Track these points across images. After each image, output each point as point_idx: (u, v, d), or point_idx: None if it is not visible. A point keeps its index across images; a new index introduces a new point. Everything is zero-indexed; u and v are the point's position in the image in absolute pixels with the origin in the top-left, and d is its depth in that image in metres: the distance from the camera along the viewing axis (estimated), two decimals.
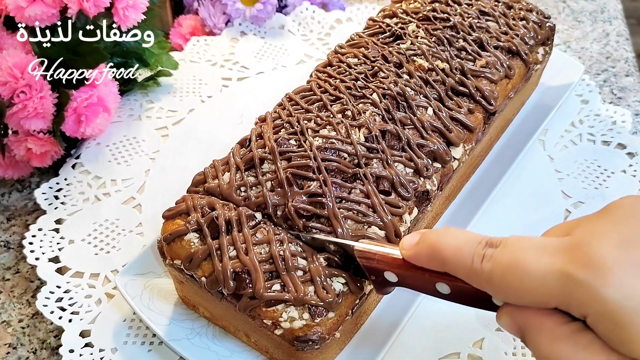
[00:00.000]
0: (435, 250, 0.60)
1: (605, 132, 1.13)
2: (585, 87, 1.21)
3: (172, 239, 0.78)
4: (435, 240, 0.60)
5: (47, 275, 0.93)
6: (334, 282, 0.72)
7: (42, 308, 0.88)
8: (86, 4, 0.97)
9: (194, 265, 0.75)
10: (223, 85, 1.25)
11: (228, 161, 0.84)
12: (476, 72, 0.94)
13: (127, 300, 0.84)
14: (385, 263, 0.67)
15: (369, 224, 0.76)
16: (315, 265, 0.72)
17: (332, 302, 0.71)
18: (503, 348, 0.84)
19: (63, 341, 0.85)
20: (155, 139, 1.14)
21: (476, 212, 0.95)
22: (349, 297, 0.73)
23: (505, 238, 0.56)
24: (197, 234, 0.77)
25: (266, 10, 1.31)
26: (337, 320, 0.72)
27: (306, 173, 0.78)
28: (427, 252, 0.61)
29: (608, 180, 1.05)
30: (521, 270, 0.53)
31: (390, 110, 0.86)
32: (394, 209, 0.78)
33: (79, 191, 1.05)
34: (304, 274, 0.72)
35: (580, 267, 0.49)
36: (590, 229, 0.53)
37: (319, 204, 0.76)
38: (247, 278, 0.71)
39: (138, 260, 0.89)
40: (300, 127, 0.84)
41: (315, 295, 0.71)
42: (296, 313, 0.71)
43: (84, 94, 1.02)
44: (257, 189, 0.79)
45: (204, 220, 0.76)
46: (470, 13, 1.03)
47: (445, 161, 0.85)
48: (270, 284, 0.71)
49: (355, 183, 0.79)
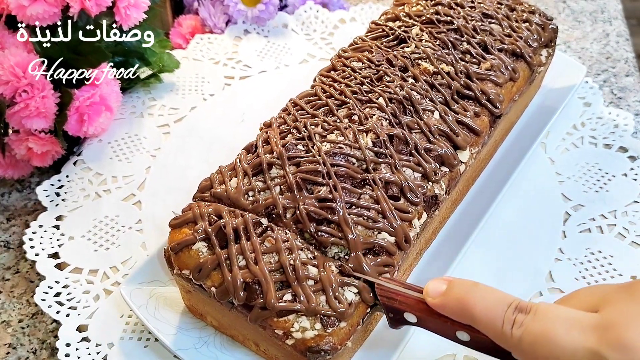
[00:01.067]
0: (464, 306, 0.62)
1: (607, 135, 1.13)
2: (588, 89, 1.21)
3: (180, 249, 0.76)
4: (464, 297, 0.62)
5: (46, 270, 0.93)
6: (346, 292, 0.72)
7: (40, 302, 0.89)
8: (88, 3, 0.97)
9: (203, 276, 0.74)
10: (225, 83, 1.24)
11: (235, 167, 0.83)
12: (481, 75, 0.94)
13: (133, 311, 0.83)
14: (407, 305, 0.68)
15: (379, 229, 0.76)
16: (326, 273, 0.72)
17: (344, 312, 0.70)
18: None
19: (60, 335, 0.86)
20: (157, 137, 1.14)
21: (482, 216, 0.95)
22: (360, 306, 0.73)
23: (536, 305, 0.59)
24: (205, 242, 0.76)
25: (268, 10, 1.30)
26: (349, 330, 0.72)
27: (316, 178, 0.78)
28: (455, 306, 0.63)
29: (609, 183, 1.06)
30: (552, 342, 0.56)
31: (397, 114, 0.86)
32: (403, 214, 0.78)
33: (80, 188, 1.05)
34: (315, 284, 0.71)
35: (611, 349, 0.53)
36: (620, 310, 0.56)
37: (329, 209, 0.75)
38: (258, 289, 0.70)
39: (142, 268, 0.88)
40: (307, 132, 0.84)
41: (327, 305, 0.70)
42: (308, 323, 0.70)
43: (86, 93, 1.01)
44: (266, 193, 0.79)
45: (212, 229, 0.75)
46: (474, 16, 1.03)
47: (453, 165, 0.85)
48: (281, 294, 0.70)
49: (364, 188, 0.79)
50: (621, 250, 0.96)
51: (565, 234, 0.98)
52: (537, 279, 0.92)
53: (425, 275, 0.90)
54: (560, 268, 0.94)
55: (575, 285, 0.91)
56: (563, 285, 0.91)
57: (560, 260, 0.95)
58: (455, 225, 0.97)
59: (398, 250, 0.76)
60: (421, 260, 0.92)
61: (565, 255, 0.95)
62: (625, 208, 1.01)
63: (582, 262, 0.95)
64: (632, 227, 0.99)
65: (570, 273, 0.93)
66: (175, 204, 1.01)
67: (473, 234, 0.92)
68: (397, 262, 0.76)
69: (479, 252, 0.95)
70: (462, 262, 0.91)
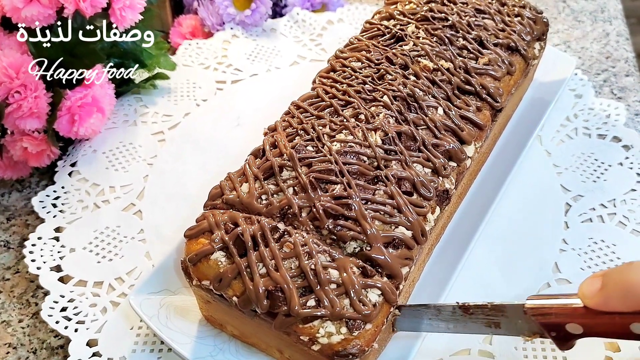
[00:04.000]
0: (629, 289, 0.58)
1: (600, 125, 1.14)
2: (579, 81, 1.22)
3: (198, 260, 0.75)
4: (625, 280, 0.58)
5: (50, 284, 0.91)
6: (369, 293, 0.71)
7: (47, 318, 0.87)
8: (83, 4, 0.96)
9: (224, 286, 0.73)
10: (217, 88, 1.24)
11: (244, 172, 0.82)
12: (480, 70, 0.95)
13: (145, 321, 0.82)
14: (566, 315, 0.64)
15: (396, 224, 0.76)
16: (348, 276, 0.71)
17: (370, 314, 0.69)
18: (513, 343, 0.85)
19: (70, 351, 0.84)
20: (152, 144, 1.13)
21: (487, 210, 0.95)
22: (384, 306, 0.72)
23: None
24: (224, 252, 0.75)
25: (253, 17, 1.30)
26: (374, 331, 0.71)
27: (329, 177, 0.77)
28: (619, 295, 0.59)
29: (606, 173, 1.07)
30: None
31: (402, 111, 0.86)
32: (418, 209, 0.78)
33: (77, 199, 1.04)
34: (337, 287, 0.70)
35: None
36: None
37: (345, 205, 0.75)
38: (281, 296, 0.70)
39: (150, 278, 0.87)
40: (316, 133, 0.84)
41: (352, 308, 0.69)
42: (333, 328, 0.69)
43: (78, 93, 1.01)
44: (279, 195, 0.78)
45: (229, 238, 0.74)
46: (467, 12, 1.04)
47: (460, 159, 0.86)
48: (304, 300, 0.69)
49: (378, 185, 0.79)
50: (623, 238, 0.97)
51: (567, 224, 0.99)
52: (544, 270, 0.93)
53: (436, 271, 0.90)
54: (566, 259, 0.95)
55: (582, 275, 0.92)
56: (570, 276, 0.92)
57: (565, 250, 0.96)
58: (461, 219, 0.97)
59: (416, 244, 0.76)
60: (431, 257, 0.92)
61: (570, 245, 0.96)
62: (624, 196, 1.03)
63: (586, 252, 0.95)
64: (631, 215, 1.00)
65: (576, 263, 0.94)
66: (177, 211, 1.01)
67: (479, 228, 0.93)
68: (415, 256, 0.76)
69: (484, 246, 0.95)
70: (469, 258, 0.91)
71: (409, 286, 0.84)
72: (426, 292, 0.87)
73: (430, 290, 0.87)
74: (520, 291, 0.91)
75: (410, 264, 0.75)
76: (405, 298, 0.85)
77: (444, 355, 0.84)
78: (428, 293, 0.87)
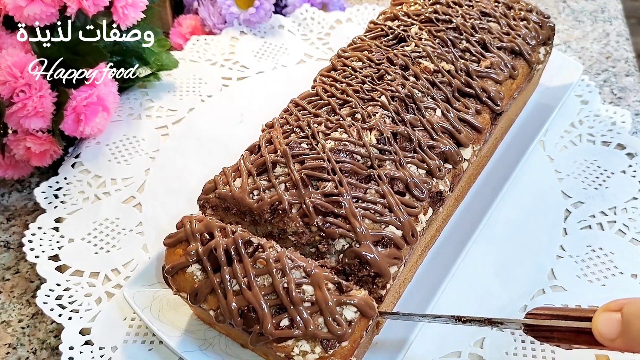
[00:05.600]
0: None
1: (605, 132, 1.13)
2: (585, 87, 1.21)
3: (175, 272, 0.76)
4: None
5: (47, 273, 0.92)
6: (345, 310, 0.70)
7: (42, 305, 0.88)
8: (85, 2, 0.97)
9: (199, 300, 0.73)
10: (223, 84, 1.24)
11: (239, 167, 0.83)
12: (481, 73, 0.95)
13: (137, 313, 0.83)
14: (569, 340, 0.63)
15: (386, 223, 0.76)
16: (321, 293, 0.70)
17: (343, 334, 0.68)
18: (504, 347, 0.85)
19: (63, 338, 0.85)
20: (155, 138, 1.14)
21: (484, 215, 0.95)
22: (361, 321, 0.71)
23: None
24: (199, 265, 0.75)
25: (259, 14, 1.31)
26: (351, 347, 0.70)
27: (321, 174, 0.78)
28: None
29: (608, 180, 1.06)
30: None
31: (399, 112, 0.86)
32: (409, 209, 0.78)
33: (79, 190, 1.04)
34: (311, 305, 0.69)
35: None
36: None
37: (335, 202, 0.75)
38: (254, 316, 0.69)
39: (145, 271, 0.88)
40: (311, 130, 0.84)
41: (326, 327, 0.68)
42: (308, 347, 0.68)
43: (83, 93, 1.01)
44: (271, 191, 0.78)
45: (203, 252, 0.74)
46: (472, 14, 1.03)
47: (456, 162, 0.85)
48: (277, 320, 0.69)
49: (370, 184, 0.79)
50: (622, 247, 0.96)
51: (566, 231, 0.99)
52: (539, 276, 0.93)
53: (430, 273, 0.90)
54: (562, 265, 0.94)
55: (578, 282, 0.92)
56: (565, 283, 0.92)
57: (562, 257, 0.95)
58: (457, 223, 0.97)
59: (405, 244, 0.76)
60: (425, 258, 0.92)
61: (567, 252, 0.96)
62: (625, 204, 1.02)
63: (583, 260, 0.95)
64: (632, 223, 0.99)
65: (572, 270, 0.93)
66: (176, 205, 1.01)
67: (475, 232, 0.93)
68: (405, 256, 0.76)
69: (481, 250, 0.95)
70: (464, 261, 0.91)
71: (399, 286, 0.84)
72: (419, 293, 0.87)
73: (423, 292, 0.87)
74: (515, 296, 0.90)
75: (399, 264, 0.75)
76: (395, 298, 0.85)
77: (434, 357, 0.84)
78: (421, 294, 0.87)
